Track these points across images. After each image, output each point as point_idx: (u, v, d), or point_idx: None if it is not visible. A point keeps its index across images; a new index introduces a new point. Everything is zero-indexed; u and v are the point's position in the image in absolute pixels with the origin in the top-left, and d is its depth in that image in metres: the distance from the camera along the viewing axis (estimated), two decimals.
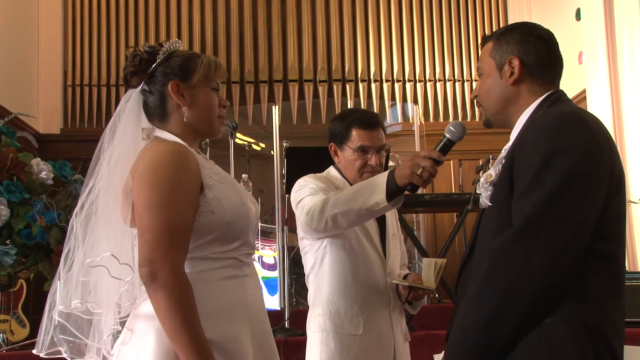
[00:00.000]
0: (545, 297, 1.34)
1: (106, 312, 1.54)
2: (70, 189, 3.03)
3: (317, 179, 2.23)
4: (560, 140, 1.39)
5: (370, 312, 2.18)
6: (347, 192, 2.02)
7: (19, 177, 2.86)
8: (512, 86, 1.58)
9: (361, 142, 2.21)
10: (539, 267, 1.33)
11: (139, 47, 1.66)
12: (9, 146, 2.92)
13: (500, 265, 1.37)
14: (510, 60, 1.57)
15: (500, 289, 1.35)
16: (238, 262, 1.61)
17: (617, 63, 5.09)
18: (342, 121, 2.26)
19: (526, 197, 1.38)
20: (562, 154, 1.37)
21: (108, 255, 1.51)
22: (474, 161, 6.32)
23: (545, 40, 1.59)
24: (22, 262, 2.93)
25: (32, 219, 2.81)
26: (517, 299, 1.34)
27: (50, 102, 6.75)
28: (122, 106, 1.63)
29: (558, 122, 1.42)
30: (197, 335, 1.42)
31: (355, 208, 1.95)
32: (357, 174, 2.23)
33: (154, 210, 1.47)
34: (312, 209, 2.04)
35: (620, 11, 5.06)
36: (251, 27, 7.12)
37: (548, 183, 1.36)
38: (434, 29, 7.21)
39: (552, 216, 1.34)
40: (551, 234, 1.34)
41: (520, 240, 1.36)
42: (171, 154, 1.52)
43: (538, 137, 1.42)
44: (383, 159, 2.27)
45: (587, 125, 1.42)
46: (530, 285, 1.33)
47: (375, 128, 2.24)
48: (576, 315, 1.35)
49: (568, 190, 1.35)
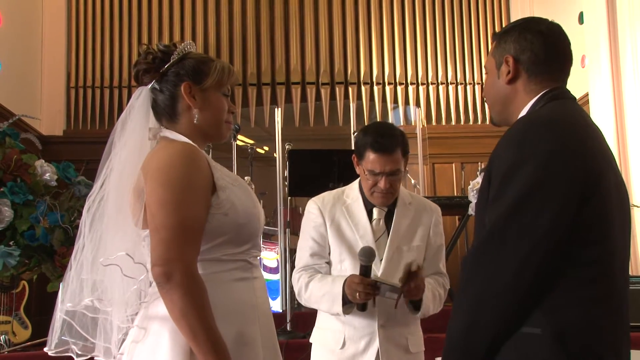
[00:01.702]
0: (514, 307, 1.33)
1: (115, 311, 1.55)
2: (74, 190, 3.04)
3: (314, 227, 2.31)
4: (522, 150, 1.37)
5: (354, 329, 2.20)
6: (315, 291, 2.21)
7: (22, 179, 2.87)
8: (508, 85, 1.55)
9: (372, 166, 2.21)
10: (503, 279, 1.32)
11: (152, 46, 1.66)
12: (12, 148, 2.93)
13: (471, 275, 1.38)
14: (506, 58, 1.55)
15: (472, 301, 1.36)
16: (248, 265, 1.62)
17: (620, 67, 5.09)
18: (362, 137, 2.26)
19: (490, 209, 1.38)
20: (522, 166, 1.35)
21: (123, 254, 1.51)
22: (476, 164, 6.32)
23: (544, 35, 1.54)
24: (25, 263, 2.94)
25: (36, 220, 2.82)
26: (487, 310, 1.34)
27: (53, 104, 6.77)
28: (132, 103, 1.64)
29: (523, 131, 1.41)
30: (213, 333, 1.43)
31: (324, 309, 2.24)
32: (369, 193, 2.27)
33: (167, 209, 1.47)
34: (296, 290, 2.30)
35: (623, 15, 5.06)
36: (254, 30, 7.13)
37: (507, 197, 1.35)
38: (437, 31, 7.21)
39: (512, 229, 1.33)
40: (512, 246, 1.32)
41: (485, 252, 1.37)
42: (183, 154, 1.53)
43: (504, 146, 1.41)
44: (398, 182, 2.27)
45: (551, 133, 1.38)
46: (498, 296, 1.33)
47: (389, 153, 2.20)
48: (553, 324, 1.32)
49: (527, 202, 1.33)
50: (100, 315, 1.55)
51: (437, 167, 6.94)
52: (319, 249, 2.29)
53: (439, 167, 6.94)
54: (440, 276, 2.33)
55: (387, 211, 2.29)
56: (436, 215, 2.36)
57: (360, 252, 2.09)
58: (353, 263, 2.22)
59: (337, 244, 2.27)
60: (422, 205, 2.37)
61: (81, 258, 1.55)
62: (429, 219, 2.33)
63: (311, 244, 2.30)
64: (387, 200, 2.26)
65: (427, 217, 2.33)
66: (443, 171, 6.94)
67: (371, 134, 2.23)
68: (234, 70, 1.72)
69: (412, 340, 2.25)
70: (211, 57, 1.70)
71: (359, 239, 2.23)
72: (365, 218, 2.27)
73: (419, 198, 2.43)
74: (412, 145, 6.67)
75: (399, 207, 2.30)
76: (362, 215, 2.28)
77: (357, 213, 2.28)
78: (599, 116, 5.07)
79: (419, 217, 2.32)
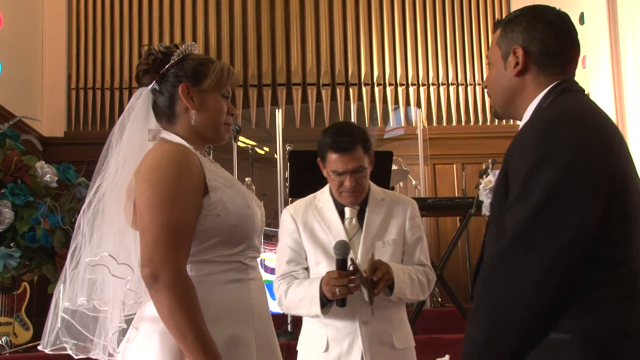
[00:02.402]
0: (543, 311, 1.27)
1: (112, 310, 1.55)
2: (74, 191, 3.04)
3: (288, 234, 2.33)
4: (548, 146, 1.30)
5: (336, 330, 2.20)
6: (294, 296, 2.22)
7: (23, 180, 2.87)
8: (516, 77, 1.49)
9: (335, 166, 2.22)
10: (530, 282, 1.26)
11: (154, 46, 1.66)
12: (13, 149, 2.93)
13: (494, 280, 1.31)
14: (514, 49, 1.48)
15: (495, 305, 1.30)
16: (243, 266, 1.61)
17: (621, 67, 5.09)
18: (322, 139, 2.27)
19: (515, 208, 1.32)
20: (549, 162, 1.29)
21: (106, 255, 1.52)
22: (477, 165, 6.32)
23: (554, 26, 1.48)
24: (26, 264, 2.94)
25: (36, 221, 2.82)
26: (512, 315, 1.28)
27: (54, 105, 6.77)
28: (132, 104, 1.64)
29: (547, 125, 1.34)
30: (202, 334, 1.43)
31: (304, 314, 2.26)
32: (337, 193, 2.28)
33: (155, 210, 1.47)
34: (277, 299, 2.32)
35: (624, 15, 5.06)
36: (255, 31, 7.13)
37: (534, 195, 1.28)
38: (437, 32, 7.21)
39: (540, 229, 1.27)
40: (539, 250, 1.26)
41: (511, 254, 1.30)
42: (172, 154, 1.53)
43: (527, 141, 1.34)
44: (365, 179, 2.26)
45: (578, 128, 1.32)
46: (525, 300, 1.27)
47: (349, 152, 2.20)
48: (583, 328, 1.27)
49: (555, 202, 1.27)
50: (100, 314, 1.55)
51: (438, 168, 6.93)
52: (295, 256, 2.31)
53: (440, 168, 6.94)
54: (422, 267, 2.32)
55: (360, 209, 2.30)
56: (411, 208, 2.35)
57: (334, 246, 2.10)
58: (329, 265, 2.22)
59: (312, 247, 2.28)
60: (396, 200, 2.36)
61: (78, 257, 1.55)
62: (403, 212, 2.32)
63: (287, 252, 2.32)
64: (355, 198, 2.27)
65: (401, 211, 2.32)
66: (444, 172, 6.94)
67: (330, 134, 2.24)
68: (234, 71, 1.71)
69: (398, 336, 2.24)
70: (211, 58, 1.70)
71: (333, 240, 2.23)
72: (337, 219, 2.28)
73: (392, 194, 2.42)
74: (413, 146, 6.71)
75: (371, 203, 2.31)
76: (334, 216, 2.29)
77: (328, 215, 2.30)
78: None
79: (393, 212, 2.31)
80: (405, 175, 5.72)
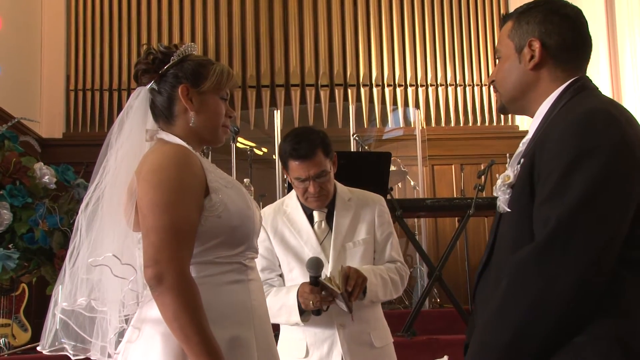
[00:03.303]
0: (574, 316, 1.21)
1: (110, 310, 1.54)
2: (73, 193, 3.04)
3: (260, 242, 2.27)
4: (589, 139, 1.24)
5: (314, 334, 2.21)
6: (272, 304, 2.14)
7: (21, 182, 2.87)
8: (531, 71, 1.43)
9: (297, 174, 2.21)
10: (567, 285, 1.19)
11: (153, 46, 1.66)
12: (12, 150, 2.93)
13: (523, 282, 1.24)
14: (530, 42, 1.42)
15: (522, 312, 1.23)
16: (243, 267, 1.61)
17: (619, 64, 5.11)
18: (282, 147, 2.25)
19: (550, 204, 1.24)
20: (591, 155, 1.22)
21: (110, 256, 1.51)
22: (476, 166, 6.33)
23: (571, 19, 1.43)
24: (25, 266, 2.94)
25: (35, 223, 2.82)
26: (541, 320, 1.21)
27: (53, 107, 6.77)
28: (130, 103, 1.64)
29: (586, 118, 1.28)
30: (206, 336, 1.43)
31: (283, 322, 2.23)
32: (303, 199, 2.28)
33: (158, 211, 1.47)
34: None
35: (622, 12, 5.08)
36: (253, 32, 7.14)
37: (576, 189, 1.22)
38: (436, 33, 7.21)
39: (581, 227, 1.21)
40: (581, 247, 1.20)
41: (546, 254, 1.22)
42: (174, 156, 1.53)
43: (563, 135, 1.27)
44: (329, 183, 2.24)
45: (618, 122, 1.27)
46: (558, 305, 1.20)
47: (309, 159, 2.17)
48: (608, 332, 1.21)
49: (599, 196, 1.21)
50: (97, 314, 1.55)
51: (436, 168, 6.94)
52: (268, 263, 2.30)
53: (439, 169, 6.94)
54: (394, 263, 2.31)
55: (328, 212, 2.29)
56: (379, 206, 2.35)
57: (307, 264, 2.10)
58: (302, 270, 2.22)
59: (283, 253, 2.28)
60: (364, 199, 2.35)
61: (77, 258, 1.55)
62: (371, 211, 2.32)
63: (260, 260, 2.29)
64: (321, 202, 2.26)
65: (369, 210, 2.32)
66: (442, 173, 6.95)
67: (288, 142, 2.22)
68: (234, 73, 1.71)
69: (376, 335, 2.24)
70: (211, 60, 1.70)
71: (304, 245, 2.25)
72: (306, 223, 2.28)
73: (359, 192, 2.39)
74: (411, 147, 6.71)
75: (338, 205, 2.30)
76: (303, 221, 2.29)
77: (297, 220, 2.30)
78: None
79: (360, 211, 2.31)
80: (403, 176, 5.73)
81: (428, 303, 5.22)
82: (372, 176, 4.04)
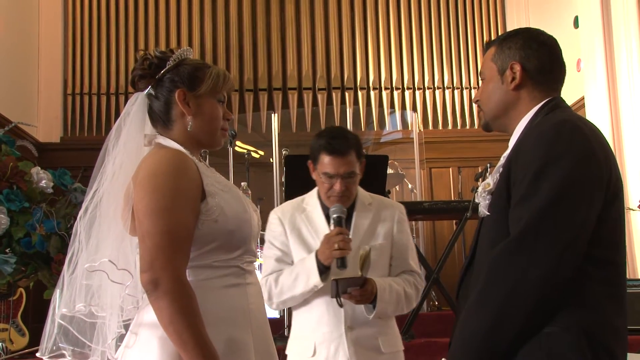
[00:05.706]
0: (544, 306, 1.34)
1: (110, 316, 1.54)
2: (70, 197, 3.03)
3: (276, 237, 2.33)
4: (556, 148, 1.39)
5: (323, 334, 2.21)
6: (286, 279, 2.21)
7: (18, 186, 2.86)
8: (513, 91, 1.58)
9: (327, 168, 2.22)
10: (537, 277, 1.33)
11: (149, 51, 1.66)
12: (8, 155, 2.93)
13: (499, 274, 1.37)
14: (511, 65, 1.57)
15: (500, 299, 1.35)
16: (240, 270, 1.61)
17: (615, 70, 5.11)
18: (316, 141, 2.26)
19: (522, 205, 1.39)
20: (558, 162, 1.37)
21: (106, 261, 1.51)
22: (473, 168, 6.33)
23: (547, 46, 1.59)
24: (22, 270, 2.93)
25: (32, 227, 2.81)
26: (516, 309, 1.34)
27: (50, 111, 6.77)
28: (127, 109, 1.64)
29: (554, 130, 1.43)
30: (202, 340, 1.43)
31: (298, 294, 2.22)
32: (325, 197, 2.28)
33: (154, 216, 1.47)
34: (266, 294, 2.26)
35: (618, 18, 5.08)
36: (250, 35, 7.15)
37: (544, 191, 1.36)
38: (433, 37, 7.23)
39: (548, 225, 1.35)
40: (548, 243, 1.34)
41: (518, 249, 1.36)
42: (170, 160, 1.53)
43: (534, 145, 1.42)
44: (354, 185, 2.27)
45: (583, 133, 1.42)
46: (529, 295, 1.33)
47: (343, 155, 2.20)
48: (576, 322, 1.35)
49: (564, 198, 1.35)
50: (97, 320, 1.54)
51: (434, 171, 6.95)
52: (283, 255, 2.31)
53: (436, 172, 6.95)
54: (411, 275, 2.31)
55: (347, 214, 2.28)
56: (399, 213, 2.36)
57: (331, 209, 2.17)
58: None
59: (299, 250, 2.29)
60: (383, 205, 2.37)
61: (77, 264, 1.55)
62: (391, 217, 2.33)
63: (275, 252, 2.32)
64: (343, 203, 2.26)
65: (388, 215, 2.33)
66: (440, 175, 6.95)
67: (324, 137, 2.24)
68: (230, 76, 1.71)
69: (385, 340, 2.24)
70: (207, 63, 1.70)
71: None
72: (324, 224, 2.28)
73: (380, 198, 2.42)
74: (409, 149, 6.72)
75: (358, 208, 2.31)
76: (322, 221, 2.29)
77: (316, 220, 2.30)
78: (594, 120, 5.08)
79: (380, 216, 2.32)
80: (401, 179, 5.73)
81: (426, 306, 5.22)
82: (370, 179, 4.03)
